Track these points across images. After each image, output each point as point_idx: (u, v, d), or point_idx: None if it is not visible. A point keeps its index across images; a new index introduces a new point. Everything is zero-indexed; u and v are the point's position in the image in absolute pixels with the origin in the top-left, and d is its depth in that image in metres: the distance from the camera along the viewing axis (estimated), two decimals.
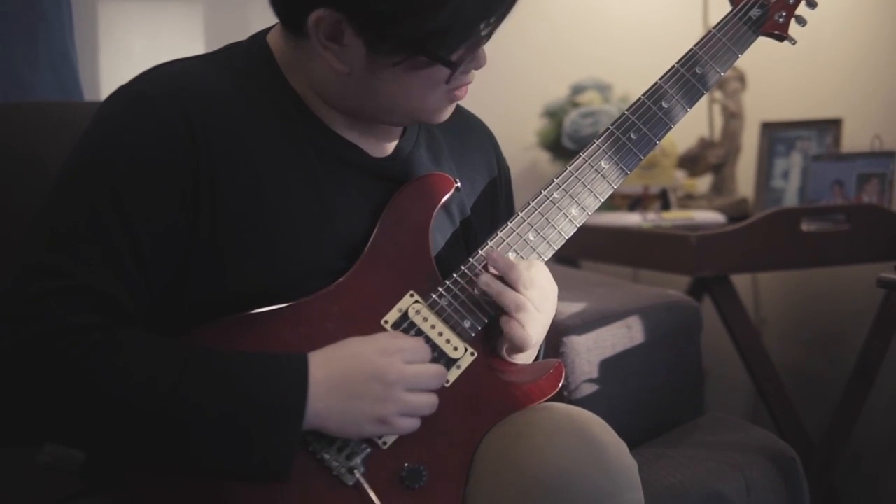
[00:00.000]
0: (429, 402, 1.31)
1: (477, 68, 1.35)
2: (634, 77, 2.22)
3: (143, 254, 1.26)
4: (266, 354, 1.27)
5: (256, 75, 1.38)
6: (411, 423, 1.30)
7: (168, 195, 1.28)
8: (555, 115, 2.96)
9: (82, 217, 1.26)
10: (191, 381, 1.22)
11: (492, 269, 1.38)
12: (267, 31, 1.42)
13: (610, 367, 2.04)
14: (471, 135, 1.57)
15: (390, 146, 1.45)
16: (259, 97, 1.36)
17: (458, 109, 1.56)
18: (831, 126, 2.80)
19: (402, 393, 1.28)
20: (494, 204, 1.56)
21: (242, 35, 1.45)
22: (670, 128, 1.45)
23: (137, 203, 1.27)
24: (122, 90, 1.34)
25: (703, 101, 1.46)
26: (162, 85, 1.32)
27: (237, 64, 1.38)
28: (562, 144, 2.92)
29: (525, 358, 1.42)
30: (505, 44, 1.32)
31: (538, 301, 1.37)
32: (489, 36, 1.30)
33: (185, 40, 2.73)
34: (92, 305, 1.23)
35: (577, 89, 2.98)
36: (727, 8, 1.51)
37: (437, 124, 1.43)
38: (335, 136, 1.39)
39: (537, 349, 1.47)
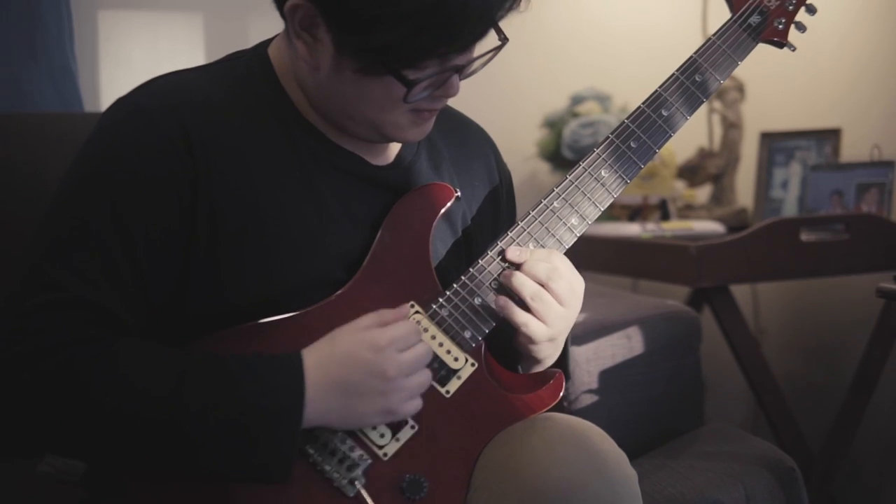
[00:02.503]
0: (426, 379, 1.31)
1: (447, 97, 1.35)
2: (634, 87, 2.22)
3: (141, 266, 1.27)
4: (262, 356, 1.27)
5: (255, 85, 1.38)
6: (416, 405, 1.31)
7: (166, 207, 1.28)
8: (554, 125, 2.96)
9: (80, 230, 1.26)
10: (189, 388, 1.22)
11: (510, 259, 1.38)
12: (269, 41, 1.42)
13: (610, 377, 2.04)
14: (471, 143, 1.57)
15: (391, 155, 1.45)
16: (257, 107, 1.36)
17: (458, 117, 1.57)
18: (830, 136, 2.81)
19: (403, 381, 1.29)
20: (496, 211, 1.56)
21: (242, 45, 1.46)
22: (670, 136, 1.45)
23: (135, 216, 1.27)
24: (120, 102, 1.34)
25: (702, 112, 1.47)
26: (159, 96, 1.33)
27: (237, 74, 1.39)
28: (561, 155, 2.92)
29: (547, 351, 1.41)
30: (504, 54, 1.32)
31: (563, 293, 1.37)
32: (464, 70, 1.30)
33: (186, 50, 2.73)
34: (89, 318, 1.24)
35: (577, 99, 2.98)
36: (726, 17, 1.51)
37: (439, 133, 1.43)
38: (333, 146, 1.39)
39: (560, 346, 1.44)
